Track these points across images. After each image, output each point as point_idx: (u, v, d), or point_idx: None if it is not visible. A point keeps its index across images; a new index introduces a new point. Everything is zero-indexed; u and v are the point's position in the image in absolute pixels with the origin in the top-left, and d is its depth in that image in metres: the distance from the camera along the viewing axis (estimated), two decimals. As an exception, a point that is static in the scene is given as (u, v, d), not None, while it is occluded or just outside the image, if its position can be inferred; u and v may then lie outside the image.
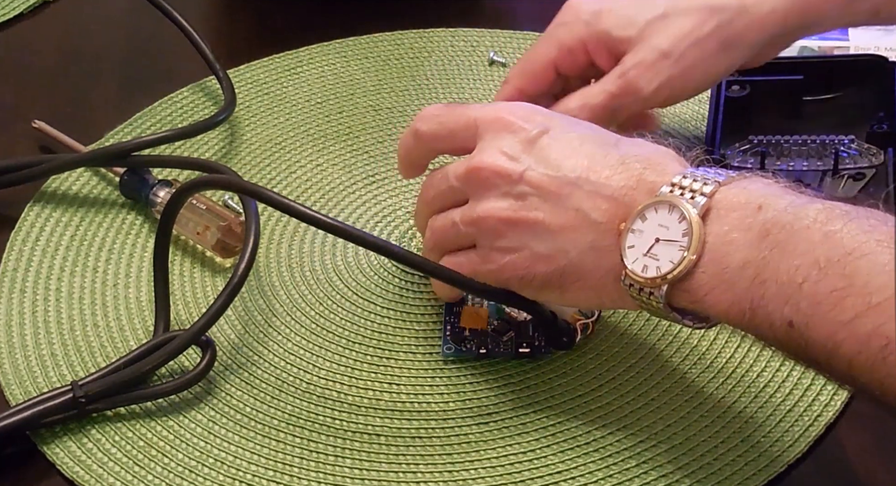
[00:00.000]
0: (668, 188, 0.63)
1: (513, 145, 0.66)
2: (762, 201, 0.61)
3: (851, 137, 0.79)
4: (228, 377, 0.73)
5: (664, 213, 0.62)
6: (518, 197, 0.66)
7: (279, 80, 0.92)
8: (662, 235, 0.62)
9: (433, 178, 0.70)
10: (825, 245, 0.58)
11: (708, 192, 0.62)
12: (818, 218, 0.59)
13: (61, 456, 0.69)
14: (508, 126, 0.67)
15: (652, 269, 0.62)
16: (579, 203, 0.64)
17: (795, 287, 0.58)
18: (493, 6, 0.99)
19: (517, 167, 0.66)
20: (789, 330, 0.58)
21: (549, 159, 0.66)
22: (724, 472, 0.67)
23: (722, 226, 0.61)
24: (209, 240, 0.79)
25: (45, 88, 0.94)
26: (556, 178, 0.65)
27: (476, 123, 0.68)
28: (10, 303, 0.78)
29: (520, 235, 0.66)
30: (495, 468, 0.68)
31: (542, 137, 0.66)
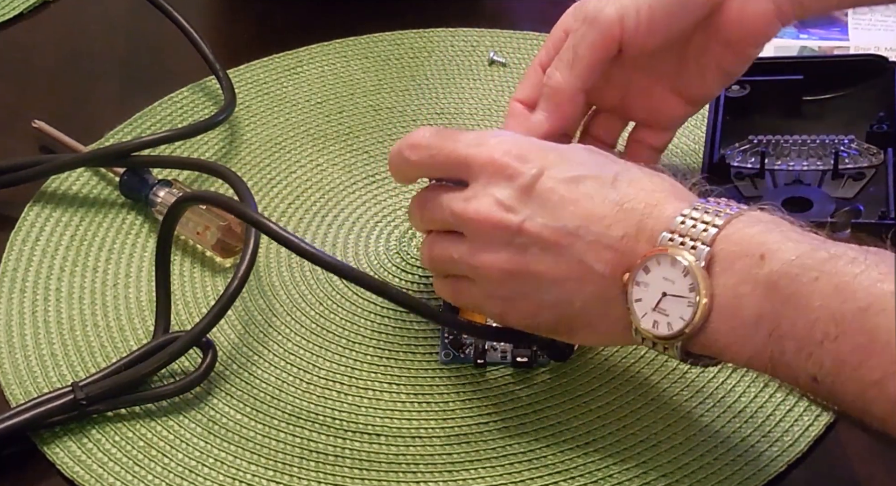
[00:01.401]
0: (669, 235, 0.61)
1: (509, 194, 0.65)
2: (764, 249, 0.59)
3: (851, 137, 0.79)
4: (228, 377, 0.73)
5: (667, 265, 0.61)
6: (518, 248, 0.64)
7: (279, 80, 0.92)
8: (669, 290, 0.61)
9: (427, 200, 0.69)
10: (838, 298, 0.57)
11: (709, 239, 0.60)
12: (825, 269, 0.58)
13: (61, 456, 0.69)
14: (503, 170, 0.65)
15: (663, 325, 0.61)
16: (581, 254, 0.63)
17: (816, 344, 0.57)
18: (493, 6, 0.99)
19: (515, 219, 0.64)
20: (814, 384, 0.58)
21: (546, 208, 0.64)
22: (724, 472, 0.67)
23: (729, 279, 0.60)
24: (209, 240, 0.79)
25: (45, 88, 0.94)
26: (556, 229, 0.64)
27: (468, 163, 0.66)
28: (10, 303, 0.78)
29: (522, 285, 0.65)
30: (495, 468, 0.68)
31: (538, 182, 0.64)
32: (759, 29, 0.72)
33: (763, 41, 0.73)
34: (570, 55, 0.71)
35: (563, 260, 0.64)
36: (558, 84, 0.71)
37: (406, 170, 0.70)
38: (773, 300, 0.59)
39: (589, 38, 0.70)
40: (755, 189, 0.77)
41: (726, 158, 0.79)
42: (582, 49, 0.71)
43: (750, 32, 0.72)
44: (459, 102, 0.89)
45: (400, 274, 0.78)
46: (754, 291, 0.59)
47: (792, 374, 0.59)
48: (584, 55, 0.71)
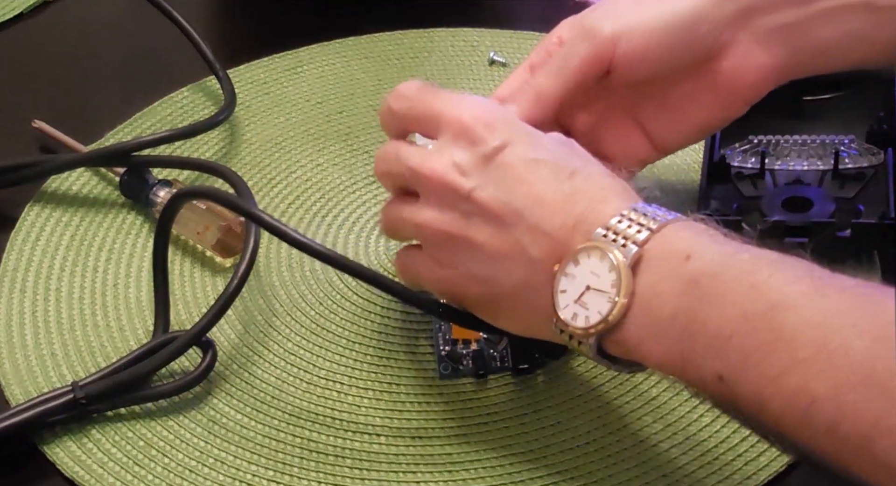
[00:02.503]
0: (603, 232, 0.61)
1: (467, 158, 0.64)
2: (691, 250, 0.60)
3: (851, 137, 0.79)
4: (228, 377, 0.73)
5: (595, 259, 0.61)
6: (463, 214, 0.64)
7: (279, 80, 0.92)
8: (593, 283, 0.61)
9: (388, 154, 0.68)
10: (752, 296, 0.57)
11: (640, 240, 0.60)
12: (745, 268, 0.58)
13: (61, 456, 0.69)
14: (467, 133, 0.65)
15: (581, 318, 0.61)
16: (520, 235, 0.63)
17: (724, 340, 0.57)
18: (493, 6, 0.99)
19: (466, 184, 0.64)
20: (719, 384, 0.57)
21: (500, 181, 0.64)
22: (724, 472, 0.67)
23: (651, 276, 0.60)
24: (209, 240, 0.79)
25: (45, 88, 0.94)
26: (503, 203, 0.63)
27: (438, 119, 0.66)
28: (10, 303, 0.78)
29: (458, 252, 0.65)
30: (495, 468, 0.68)
31: (498, 155, 0.64)
32: (755, 82, 0.72)
33: (756, 96, 0.73)
34: (561, 63, 0.70)
35: (502, 236, 0.63)
36: (539, 85, 0.70)
37: (389, 121, 0.69)
38: (691, 297, 0.59)
39: (582, 50, 0.70)
40: (755, 189, 0.77)
41: (726, 158, 0.79)
42: (573, 60, 0.70)
43: (746, 85, 0.72)
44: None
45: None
46: (673, 288, 0.59)
47: (699, 373, 0.58)
48: (573, 66, 0.70)
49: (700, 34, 0.70)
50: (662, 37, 0.70)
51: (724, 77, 0.71)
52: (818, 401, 0.54)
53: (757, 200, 0.76)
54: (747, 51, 0.71)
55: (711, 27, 0.70)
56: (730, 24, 0.71)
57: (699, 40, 0.70)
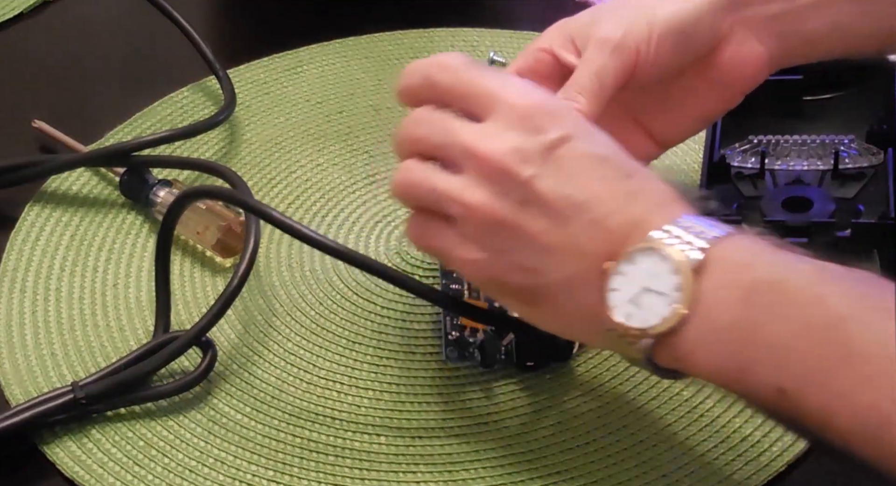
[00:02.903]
0: (663, 234, 0.60)
1: (529, 145, 0.62)
2: (751, 259, 0.59)
3: (851, 137, 0.79)
4: (228, 378, 0.73)
5: (656, 260, 0.60)
6: (517, 201, 0.62)
7: (279, 80, 0.92)
8: (651, 285, 0.59)
9: (430, 122, 0.65)
10: (816, 309, 0.56)
11: (704, 246, 0.59)
12: (809, 279, 0.57)
13: (61, 456, 0.69)
14: (529, 119, 0.62)
15: (637, 319, 0.60)
16: (577, 229, 0.61)
17: (787, 352, 0.56)
18: (493, 6, 0.99)
19: (526, 171, 0.62)
20: (780, 397, 0.56)
21: (562, 172, 0.62)
22: (724, 472, 0.67)
23: (711, 283, 0.59)
24: (209, 240, 0.79)
25: (45, 88, 0.94)
26: (563, 196, 0.61)
27: (495, 99, 0.63)
28: (10, 303, 0.78)
29: (505, 239, 0.62)
30: (495, 468, 0.68)
31: (562, 146, 0.62)
32: (751, 72, 0.72)
33: (752, 86, 0.72)
34: (596, 84, 0.68)
35: (557, 229, 0.61)
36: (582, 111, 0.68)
37: (427, 91, 0.66)
38: (751, 307, 0.58)
39: (612, 67, 0.68)
40: (755, 189, 0.77)
41: (726, 158, 0.79)
42: (608, 79, 0.68)
43: (743, 75, 0.72)
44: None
45: (400, 274, 0.78)
46: (734, 296, 0.58)
47: (758, 385, 0.57)
48: (609, 85, 0.68)
49: (700, 31, 0.70)
50: (670, 39, 0.69)
51: (722, 69, 0.71)
52: (891, 420, 0.53)
53: (757, 200, 0.76)
54: (743, 42, 0.71)
55: (710, 23, 0.70)
56: (726, 18, 0.71)
57: (700, 37, 0.70)
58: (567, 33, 0.71)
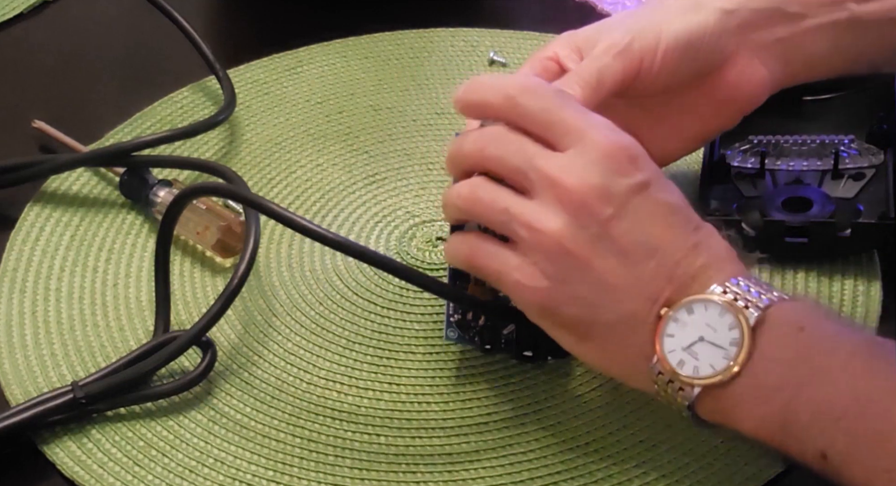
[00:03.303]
0: (722, 289, 0.62)
1: (614, 186, 0.63)
2: (805, 323, 0.60)
3: (851, 137, 0.79)
4: (228, 377, 0.73)
5: (714, 313, 0.61)
6: (591, 237, 0.63)
7: (279, 80, 0.92)
8: (708, 336, 0.61)
9: (506, 142, 0.65)
10: (866, 381, 0.58)
11: (763, 306, 0.61)
12: (860, 350, 0.59)
13: (61, 456, 0.69)
14: (614, 160, 0.63)
15: (689, 367, 0.61)
16: (643, 272, 0.62)
17: (832, 420, 0.57)
18: (493, 6, 0.99)
19: (606, 211, 0.62)
20: (822, 461, 0.58)
21: (638, 217, 0.63)
22: (724, 472, 0.67)
23: (766, 342, 0.60)
24: (209, 240, 0.79)
25: (45, 88, 0.94)
26: (637, 241, 0.63)
27: (581, 136, 0.64)
28: (10, 303, 0.78)
29: (571, 270, 0.63)
30: (495, 468, 0.68)
31: (643, 191, 0.63)
32: (753, 93, 0.73)
33: (752, 107, 0.73)
34: (596, 79, 0.69)
35: (624, 270, 0.62)
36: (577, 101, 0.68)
37: (500, 108, 0.66)
38: (801, 370, 0.59)
39: (615, 68, 0.69)
40: (755, 189, 0.77)
41: (726, 158, 0.79)
42: (607, 78, 0.69)
43: (744, 96, 0.73)
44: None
45: (400, 274, 0.78)
46: (785, 358, 0.60)
47: (800, 446, 0.59)
48: (608, 84, 0.69)
49: (707, 48, 0.71)
50: (677, 53, 0.70)
51: (725, 89, 0.72)
52: None
53: (757, 200, 0.76)
54: (746, 64, 0.72)
55: (717, 41, 0.71)
56: (733, 38, 0.72)
57: (706, 54, 0.71)
58: (574, 44, 0.71)
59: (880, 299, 0.74)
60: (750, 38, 0.72)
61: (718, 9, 0.71)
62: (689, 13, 0.71)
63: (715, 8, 0.71)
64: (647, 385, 0.63)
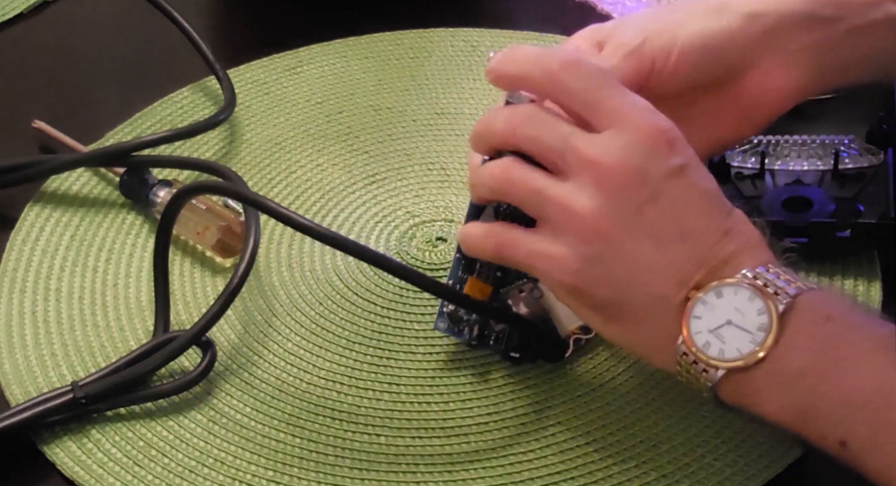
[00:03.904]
0: (752, 274, 0.62)
1: (652, 168, 0.62)
2: (833, 313, 0.60)
3: (851, 137, 0.79)
4: (228, 377, 0.73)
5: (744, 298, 0.61)
6: (625, 219, 0.62)
7: (279, 80, 0.92)
8: (736, 320, 0.61)
9: (541, 121, 0.65)
10: (890, 373, 0.58)
11: (792, 293, 0.61)
12: (887, 343, 0.59)
13: (61, 456, 0.69)
14: (654, 143, 0.63)
15: (714, 349, 0.61)
16: (675, 255, 0.62)
17: (854, 410, 0.58)
18: (493, 6, 0.99)
19: (642, 192, 0.62)
20: (841, 449, 0.58)
21: (674, 200, 0.63)
22: (724, 472, 0.67)
23: (792, 329, 0.60)
24: (209, 240, 0.79)
25: (45, 88, 0.94)
26: (671, 225, 0.62)
27: (621, 117, 0.63)
28: (10, 303, 0.78)
29: (603, 252, 0.63)
30: (495, 468, 0.68)
31: (680, 175, 0.63)
32: (776, 102, 0.72)
33: (775, 116, 0.73)
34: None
35: (657, 252, 0.62)
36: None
37: (539, 82, 0.66)
38: (825, 358, 0.59)
39: (623, 69, 0.68)
40: (755, 189, 0.77)
41: (726, 158, 0.79)
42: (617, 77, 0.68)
43: (767, 105, 0.72)
44: (459, 102, 0.89)
45: (400, 274, 0.78)
46: (810, 345, 0.60)
47: (820, 433, 0.59)
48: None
49: (727, 53, 0.70)
50: (693, 56, 0.69)
51: (746, 97, 0.71)
52: None
53: (757, 200, 0.76)
54: (771, 71, 0.71)
55: (738, 47, 0.70)
56: (756, 45, 0.70)
57: (726, 59, 0.70)
58: (596, 38, 0.71)
59: (880, 299, 0.74)
60: (778, 45, 0.71)
61: (743, 13, 0.70)
62: (711, 16, 0.70)
63: (740, 12, 0.70)
64: (671, 366, 0.63)
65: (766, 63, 0.71)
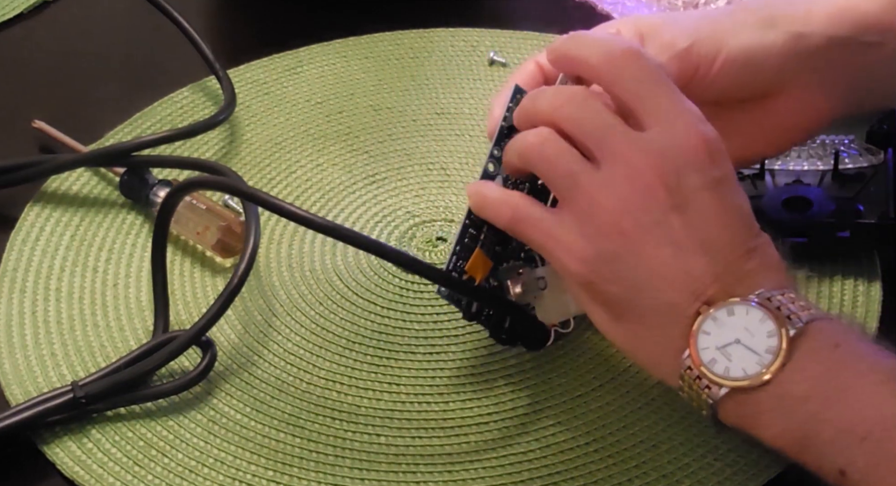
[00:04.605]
0: (768, 295, 0.61)
1: (687, 177, 0.62)
2: (841, 340, 0.60)
3: (851, 137, 0.79)
4: (228, 377, 0.73)
5: (755, 318, 0.61)
6: (653, 221, 0.62)
7: (279, 80, 0.92)
8: (745, 340, 0.60)
9: (586, 104, 0.64)
10: (890, 408, 0.57)
11: (805, 319, 0.60)
12: (893, 375, 0.58)
13: (61, 456, 0.69)
14: (696, 151, 0.62)
15: (720, 366, 0.61)
16: (693, 268, 0.62)
17: (855, 440, 0.57)
18: (493, 6, 0.99)
19: (675, 198, 0.62)
20: (840, 478, 0.58)
21: (703, 212, 0.62)
22: (724, 472, 0.67)
23: (800, 356, 0.60)
24: (209, 240, 0.79)
25: (45, 88, 0.94)
26: (695, 237, 0.62)
27: (670, 118, 0.63)
28: (10, 303, 0.78)
29: (621, 250, 0.62)
30: (495, 468, 0.68)
31: (714, 188, 0.62)
32: (805, 124, 0.72)
33: (805, 138, 0.73)
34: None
35: (676, 262, 0.62)
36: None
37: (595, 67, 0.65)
38: (829, 386, 0.59)
39: (669, 70, 0.67)
40: (755, 189, 0.77)
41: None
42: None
43: (797, 127, 0.72)
44: (459, 101, 0.90)
45: (400, 274, 0.78)
46: (815, 371, 0.59)
47: (819, 461, 0.59)
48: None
49: (769, 70, 0.70)
50: (736, 67, 0.69)
51: (780, 116, 0.71)
52: None
53: (757, 200, 0.76)
54: (808, 93, 0.70)
55: (779, 64, 0.70)
56: (798, 66, 0.70)
57: (766, 75, 0.70)
58: (639, 28, 0.70)
59: (880, 299, 0.74)
60: (819, 67, 0.70)
61: (791, 31, 0.69)
62: (760, 29, 0.69)
63: (787, 30, 0.69)
64: (672, 379, 0.62)
65: (805, 85, 0.70)
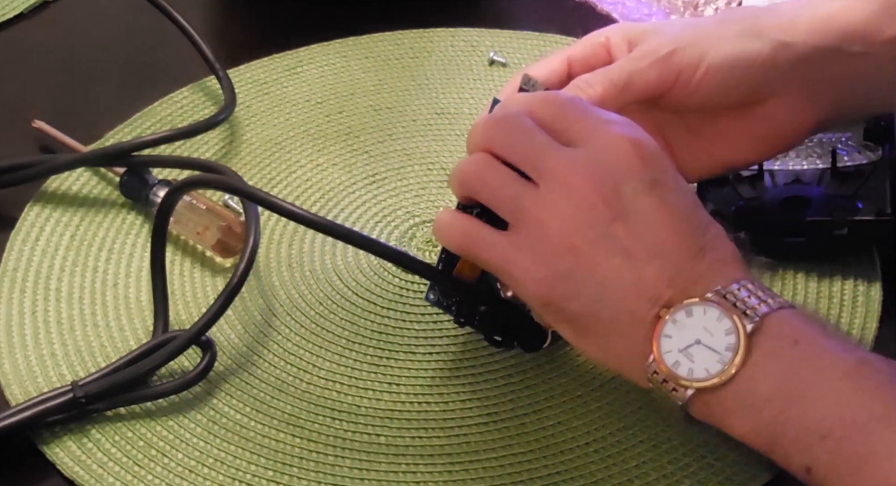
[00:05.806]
0: (723, 293, 0.61)
1: (622, 185, 0.62)
2: (800, 336, 0.60)
3: (849, 135, 0.79)
4: (228, 377, 0.73)
5: (712, 317, 0.61)
6: (598, 234, 0.62)
7: (279, 80, 0.92)
8: (705, 340, 0.61)
9: (518, 127, 0.65)
10: (854, 403, 0.58)
11: (762, 313, 0.60)
12: (851, 371, 0.59)
13: (61, 456, 0.69)
14: (627, 157, 0.63)
15: (684, 368, 0.61)
16: (646, 273, 0.62)
17: (817, 438, 0.58)
18: (493, 6, 0.99)
19: (615, 209, 0.62)
20: (807, 475, 0.59)
21: (646, 218, 0.62)
22: (724, 472, 0.67)
23: (761, 351, 0.60)
24: (209, 240, 0.79)
25: (45, 88, 0.94)
26: (642, 241, 0.62)
27: (593, 132, 0.64)
28: (10, 303, 0.78)
29: (574, 266, 0.63)
30: (495, 468, 0.68)
31: (652, 192, 0.62)
32: (794, 133, 0.72)
33: (789, 145, 0.73)
34: (624, 80, 0.69)
35: (628, 271, 0.62)
36: (595, 99, 0.68)
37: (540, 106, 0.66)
38: (791, 384, 0.59)
39: (647, 76, 0.68)
40: (754, 190, 0.77)
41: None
42: (638, 82, 0.69)
43: (785, 134, 0.72)
44: (459, 101, 0.90)
45: (400, 274, 0.78)
46: (776, 369, 0.60)
47: (786, 459, 0.59)
48: (636, 88, 0.69)
49: (753, 78, 0.70)
50: (720, 75, 0.69)
51: (766, 124, 0.71)
52: None
53: (756, 201, 0.76)
54: (794, 102, 0.71)
55: (765, 74, 0.70)
56: (783, 75, 0.70)
57: (751, 84, 0.70)
58: (628, 35, 0.71)
59: (880, 299, 0.74)
60: (804, 77, 0.70)
61: (777, 40, 0.70)
62: (745, 38, 0.70)
63: (773, 39, 0.70)
64: (643, 382, 0.63)
65: (790, 93, 0.70)
